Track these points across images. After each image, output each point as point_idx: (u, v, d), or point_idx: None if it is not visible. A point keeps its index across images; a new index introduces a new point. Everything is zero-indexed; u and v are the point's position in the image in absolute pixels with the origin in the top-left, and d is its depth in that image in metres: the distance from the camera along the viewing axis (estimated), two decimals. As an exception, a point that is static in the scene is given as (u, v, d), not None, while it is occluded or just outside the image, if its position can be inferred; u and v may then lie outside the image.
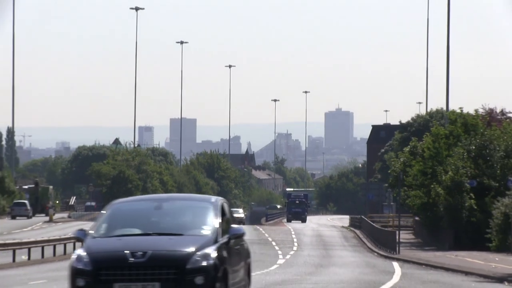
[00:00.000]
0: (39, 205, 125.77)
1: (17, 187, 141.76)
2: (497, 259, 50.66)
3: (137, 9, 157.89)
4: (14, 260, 48.89)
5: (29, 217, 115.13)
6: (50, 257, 53.92)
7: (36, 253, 52.45)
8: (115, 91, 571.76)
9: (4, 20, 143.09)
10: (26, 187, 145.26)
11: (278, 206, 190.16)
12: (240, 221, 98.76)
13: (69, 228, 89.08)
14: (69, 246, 58.54)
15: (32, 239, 58.11)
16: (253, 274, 40.14)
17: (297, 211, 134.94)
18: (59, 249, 56.84)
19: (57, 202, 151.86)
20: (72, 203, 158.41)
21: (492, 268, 43.51)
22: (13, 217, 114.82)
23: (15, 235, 76.36)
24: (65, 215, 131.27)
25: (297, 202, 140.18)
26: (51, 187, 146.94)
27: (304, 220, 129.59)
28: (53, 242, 56.53)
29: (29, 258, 51.10)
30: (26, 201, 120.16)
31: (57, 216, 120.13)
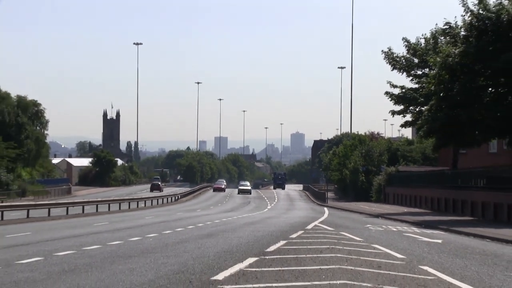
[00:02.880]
0: (163, 179, 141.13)
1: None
2: (375, 206, 54.81)
3: (198, 83, 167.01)
4: (137, 206, 53.31)
5: (154, 188, 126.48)
6: (155, 205, 58.70)
7: (143, 203, 57.19)
8: (186, 120, 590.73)
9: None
10: (158, 170, 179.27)
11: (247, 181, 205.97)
12: (248, 190, 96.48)
13: (165, 191, 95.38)
14: (165, 200, 64.88)
15: (146, 196, 68.26)
16: (254, 214, 43.34)
17: (279, 182, 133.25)
18: (160, 201, 62.75)
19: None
20: (178, 178, 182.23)
21: (373, 210, 46.81)
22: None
23: (137, 194, 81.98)
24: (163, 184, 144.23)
25: (280, 177, 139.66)
26: (168, 171, 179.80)
27: (283, 188, 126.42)
28: (157, 197, 64.45)
29: (145, 205, 56.03)
30: (158, 177, 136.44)
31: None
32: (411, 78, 49.81)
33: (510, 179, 33.82)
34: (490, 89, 35.29)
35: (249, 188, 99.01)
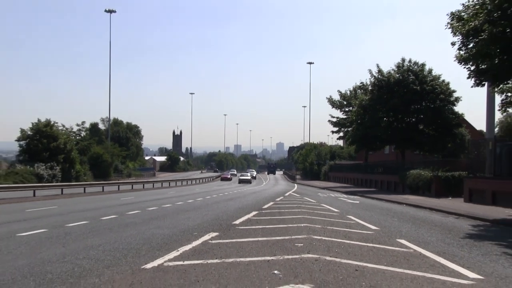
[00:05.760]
0: (211, 167, 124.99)
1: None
2: (323, 183, 52.27)
3: (225, 114, 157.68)
4: (191, 183, 51.18)
5: (214, 171, 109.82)
6: (201, 182, 55.46)
7: (194, 181, 54.37)
8: (218, 134, 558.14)
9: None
10: (212, 163, 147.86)
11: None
12: (247, 180, 78.47)
13: (205, 174, 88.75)
14: (206, 180, 61.56)
15: (195, 177, 63.47)
16: (256, 187, 42.06)
17: (272, 170, 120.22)
18: (203, 180, 59.95)
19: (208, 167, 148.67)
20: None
21: (322, 185, 45.28)
22: (208, 171, 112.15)
23: (191, 176, 75.41)
24: (205, 170, 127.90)
25: (272, 166, 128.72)
26: (214, 163, 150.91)
27: (274, 173, 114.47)
28: (201, 178, 61.39)
29: (195, 182, 52.95)
30: (214, 166, 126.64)
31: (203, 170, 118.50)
32: (342, 112, 49.83)
33: (394, 168, 33.98)
34: (385, 119, 35.23)
35: (249, 178, 63.05)
